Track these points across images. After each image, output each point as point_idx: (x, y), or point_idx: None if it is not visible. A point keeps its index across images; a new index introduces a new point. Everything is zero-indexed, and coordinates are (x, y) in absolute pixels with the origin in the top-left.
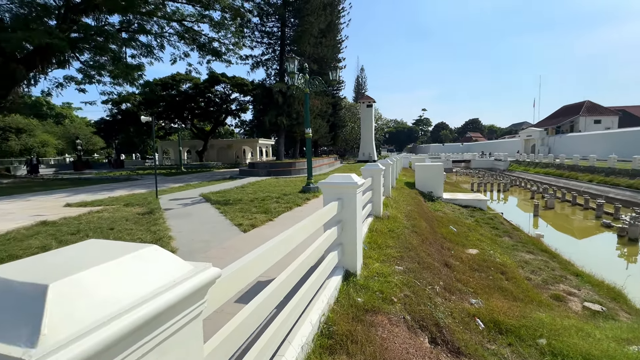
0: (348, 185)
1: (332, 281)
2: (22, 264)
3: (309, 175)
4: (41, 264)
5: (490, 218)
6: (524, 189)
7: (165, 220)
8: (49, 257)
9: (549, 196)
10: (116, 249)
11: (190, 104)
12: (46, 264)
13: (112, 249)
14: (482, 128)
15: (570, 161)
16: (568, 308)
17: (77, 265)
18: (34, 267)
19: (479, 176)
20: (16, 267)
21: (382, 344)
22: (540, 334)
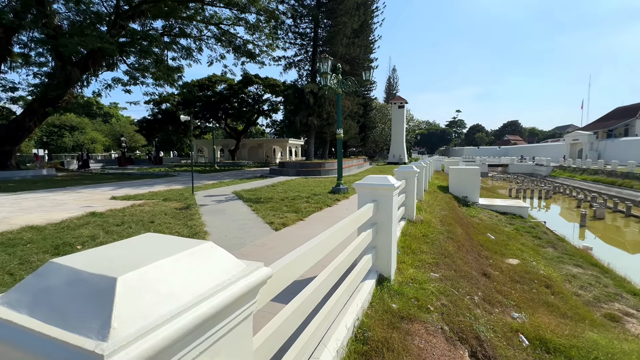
0: (384, 187)
1: (365, 285)
2: (88, 256)
3: (339, 176)
4: (105, 256)
5: (532, 227)
6: (568, 197)
7: (200, 215)
8: (111, 250)
9: (599, 205)
10: (174, 245)
11: (224, 104)
12: (109, 256)
13: (170, 244)
14: (522, 131)
15: (624, 168)
16: (626, 330)
17: (139, 259)
18: (99, 258)
19: (518, 182)
20: (82, 258)
21: (419, 354)
22: (595, 356)
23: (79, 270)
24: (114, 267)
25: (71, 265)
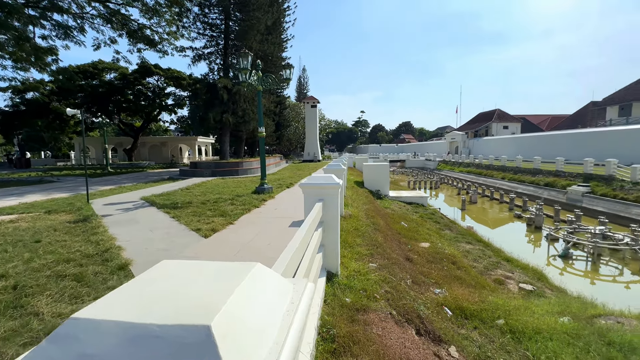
0: (331, 185)
1: (319, 284)
2: (118, 303)
3: (262, 175)
4: (145, 299)
5: (432, 213)
6: (451, 186)
7: (106, 228)
8: (139, 290)
9: (472, 192)
10: (217, 273)
11: (116, 96)
12: (152, 298)
13: (212, 273)
14: (414, 130)
15: (486, 161)
16: (509, 290)
17: (202, 296)
18: (141, 304)
19: (413, 175)
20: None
21: (381, 342)
22: (498, 315)
23: (137, 324)
24: (186, 312)
25: (117, 319)
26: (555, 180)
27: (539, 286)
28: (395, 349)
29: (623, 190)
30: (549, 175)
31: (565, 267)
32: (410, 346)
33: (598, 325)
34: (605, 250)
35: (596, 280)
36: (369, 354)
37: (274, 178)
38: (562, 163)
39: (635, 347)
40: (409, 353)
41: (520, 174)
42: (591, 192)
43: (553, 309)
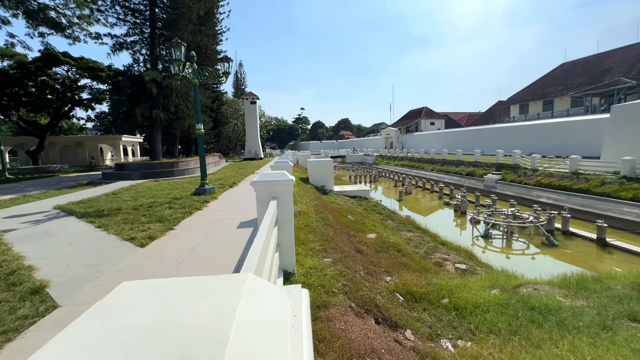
0: (284, 182)
1: (278, 284)
2: (94, 342)
3: (203, 175)
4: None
5: (375, 205)
6: (388, 179)
7: (9, 246)
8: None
9: (407, 184)
10: (207, 289)
11: (12, 88)
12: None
13: (198, 290)
14: (352, 127)
15: (418, 155)
16: (447, 271)
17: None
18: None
19: (354, 170)
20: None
21: (345, 336)
22: (443, 295)
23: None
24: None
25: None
26: (474, 170)
27: (471, 265)
28: (360, 342)
29: (526, 176)
30: (469, 166)
31: (486, 246)
32: (372, 336)
33: (521, 294)
34: (515, 228)
35: (510, 255)
36: (335, 350)
37: (214, 178)
38: (479, 155)
39: (551, 309)
40: (373, 343)
41: (447, 166)
42: (502, 179)
43: (485, 284)
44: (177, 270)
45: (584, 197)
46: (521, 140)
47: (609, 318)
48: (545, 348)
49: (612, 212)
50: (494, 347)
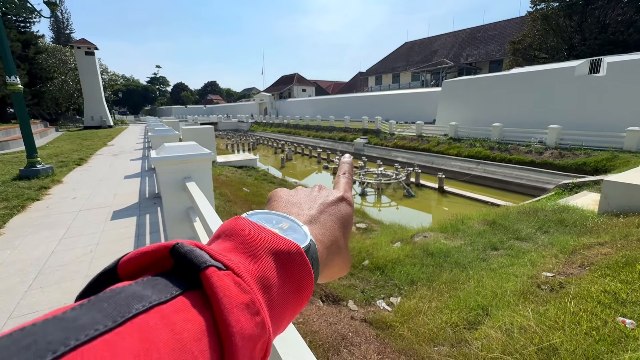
0: (200, 157)
1: None
2: None
3: (30, 151)
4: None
5: (264, 174)
6: (267, 146)
7: None
8: None
9: (288, 151)
10: None
11: None
12: None
13: None
14: (221, 91)
15: (293, 121)
16: (351, 232)
17: None
18: None
19: (229, 137)
20: None
21: (307, 326)
22: (363, 257)
23: None
24: None
25: None
26: (345, 135)
27: (368, 223)
28: (325, 331)
29: (386, 139)
30: (340, 132)
31: (362, 203)
32: (332, 321)
33: (419, 243)
34: (383, 185)
35: (382, 208)
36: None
37: (46, 154)
38: (348, 121)
39: (444, 252)
40: (337, 328)
41: (321, 132)
42: (369, 143)
43: (388, 239)
44: (27, 301)
45: (427, 155)
46: (381, 107)
47: (481, 251)
48: (459, 287)
49: (445, 166)
50: (422, 297)
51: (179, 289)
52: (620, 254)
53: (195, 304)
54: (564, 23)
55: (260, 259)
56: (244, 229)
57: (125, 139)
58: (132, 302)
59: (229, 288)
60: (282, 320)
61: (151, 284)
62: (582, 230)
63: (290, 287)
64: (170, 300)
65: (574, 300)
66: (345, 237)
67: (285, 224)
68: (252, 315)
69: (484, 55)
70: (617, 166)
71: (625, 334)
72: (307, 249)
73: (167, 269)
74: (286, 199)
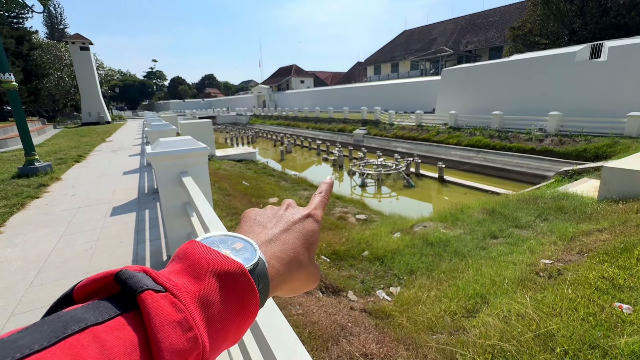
0: (196, 152)
1: None
2: None
3: (28, 148)
4: None
5: (264, 167)
6: (266, 139)
7: None
8: None
9: (287, 143)
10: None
11: None
12: None
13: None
14: (219, 84)
15: (292, 113)
16: (351, 223)
17: None
18: None
19: (227, 131)
20: None
21: (306, 318)
22: (362, 248)
23: None
24: None
25: None
26: (344, 126)
27: (368, 214)
28: (324, 322)
29: (385, 130)
30: (340, 123)
31: (362, 194)
32: (332, 311)
33: (418, 233)
34: (383, 175)
35: (382, 199)
36: (307, 342)
37: (44, 151)
38: (347, 112)
39: (443, 241)
40: (336, 318)
41: (320, 123)
42: (368, 134)
43: (388, 230)
44: (29, 298)
45: (426, 144)
46: (380, 98)
47: (480, 240)
48: (458, 276)
49: (445, 155)
50: (422, 286)
51: (118, 310)
52: (618, 240)
53: (131, 323)
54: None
55: (203, 279)
56: (192, 252)
57: (123, 135)
58: (69, 324)
59: (161, 308)
60: (227, 334)
61: (94, 307)
62: (582, 217)
63: (233, 304)
64: (107, 321)
65: (572, 287)
66: (309, 252)
67: (239, 244)
68: (183, 331)
69: (484, 42)
70: (618, 152)
71: (622, 319)
72: (253, 268)
73: (114, 293)
74: (253, 218)
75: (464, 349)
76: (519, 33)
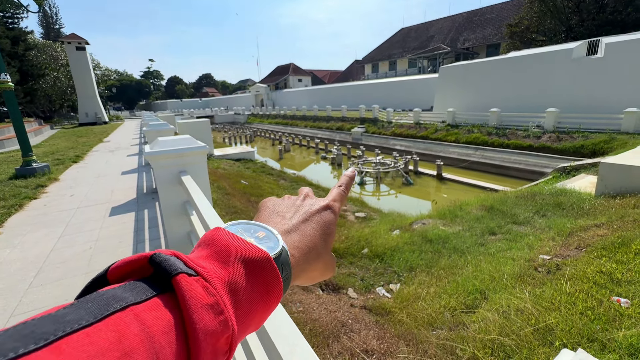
0: (195, 150)
1: None
2: None
3: (25, 149)
4: None
5: (262, 166)
6: (264, 138)
7: None
8: None
9: (286, 142)
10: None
11: None
12: None
13: None
14: (216, 84)
15: (290, 112)
16: (350, 221)
17: None
18: None
19: (225, 130)
20: None
21: (310, 318)
22: (362, 246)
23: None
24: None
25: None
26: (342, 124)
27: (367, 212)
28: (325, 319)
29: (384, 128)
30: (338, 121)
31: (361, 192)
32: (332, 308)
33: (418, 230)
34: (382, 173)
35: (381, 197)
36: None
37: (42, 152)
38: (345, 110)
39: (442, 238)
40: (337, 315)
41: (318, 122)
42: (366, 132)
43: (387, 227)
44: (28, 298)
45: (424, 142)
46: (378, 96)
47: (479, 236)
48: (458, 273)
49: (443, 153)
50: (421, 283)
51: (154, 291)
52: (616, 234)
53: (167, 304)
54: (562, 4)
55: (231, 265)
56: (219, 239)
57: (121, 135)
58: (111, 302)
59: (195, 291)
60: (252, 319)
61: (131, 287)
62: (579, 212)
63: (259, 290)
64: (145, 301)
65: (570, 282)
66: (326, 243)
67: (261, 233)
68: (215, 314)
69: (481, 39)
70: (615, 148)
71: (619, 313)
72: (277, 256)
73: (147, 275)
74: (272, 208)
75: (463, 344)
76: (516, 30)
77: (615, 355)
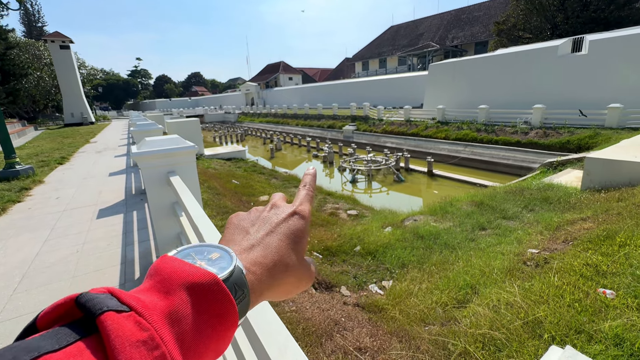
0: (184, 151)
1: None
2: None
3: (7, 151)
4: None
5: (254, 166)
6: (255, 137)
7: None
8: None
9: (277, 141)
10: None
11: None
12: None
13: None
14: (206, 82)
15: (281, 110)
16: (342, 219)
17: None
18: None
19: (216, 129)
20: None
21: (299, 314)
22: (354, 243)
23: None
24: None
25: None
26: (334, 122)
27: (359, 209)
28: (318, 318)
29: (375, 125)
30: (329, 119)
31: (353, 190)
32: (325, 307)
33: (409, 226)
34: (373, 171)
35: (373, 194)
36: (301, 338)
37: (27, 154)
38: (336, 108)
39: (434, 234)
40: (330, 314)
41: (309, 120)
42: (357, 130)
43: (379, 224)
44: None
45: (415, 139)
46: (368, 93)
47: (469, 231)
48: (449, 268)
49: (433, 150)
50: (413, 279)
51: (77, 335)
52: (601, 228)
53: (91, 347)
54: (547, 2)
55: (174, 294)
56: (163, 267)
57: (108, 136)
58: (20, 355)
59: (122, 328)
60: (206, 346)
61: (53, 334)
62: (566, 206)
63: (208, 315)
64: (65, 347)
65: (558, 275)
66: (296, 252)
67: (215, 254)
68: (149, 350)
69: (470, 37)
70: (599, 143)
71: (605, 304)
72: (228, 277)
73: (77, 318)
74: (236, 224)
75: (455, 338)
76: (503, 28)
77: (602, 345)
